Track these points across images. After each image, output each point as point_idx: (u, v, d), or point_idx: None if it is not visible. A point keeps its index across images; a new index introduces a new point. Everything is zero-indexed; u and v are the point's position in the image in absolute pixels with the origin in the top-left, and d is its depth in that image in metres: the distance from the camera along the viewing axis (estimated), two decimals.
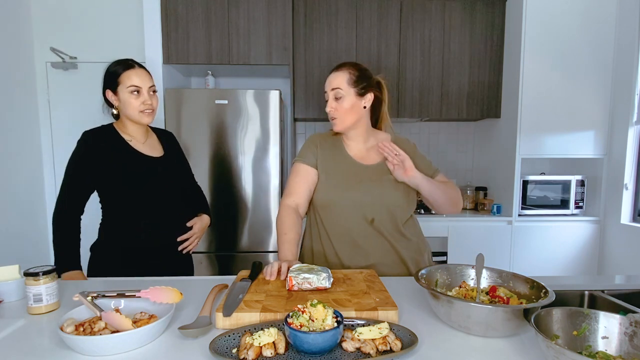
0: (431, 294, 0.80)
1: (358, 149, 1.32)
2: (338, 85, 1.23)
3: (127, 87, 1.28)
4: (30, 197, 2.68)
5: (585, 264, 2.68)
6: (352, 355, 0.67)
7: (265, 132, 2.40)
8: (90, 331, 0.71)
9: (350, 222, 1.23)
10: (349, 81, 1.23)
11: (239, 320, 0.78)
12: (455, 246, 2.63)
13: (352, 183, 1.25)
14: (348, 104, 1.24)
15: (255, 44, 2.52)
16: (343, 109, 1.24)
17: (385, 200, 1.24)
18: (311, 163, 1.30)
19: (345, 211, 1.24)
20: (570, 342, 0.70)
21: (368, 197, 1.24)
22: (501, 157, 2.81)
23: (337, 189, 1.25)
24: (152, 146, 1.40)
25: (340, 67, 1.27)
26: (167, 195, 1.37)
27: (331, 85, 1.24)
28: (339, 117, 1.25)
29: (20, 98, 2.63)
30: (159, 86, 2.46)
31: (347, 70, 1.25)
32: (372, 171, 1.28)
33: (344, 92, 1.23)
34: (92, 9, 2.74)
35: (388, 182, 1.25)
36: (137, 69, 1.31)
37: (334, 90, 1.24)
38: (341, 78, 1.24)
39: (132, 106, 1.29)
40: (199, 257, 2.44)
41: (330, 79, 1.26)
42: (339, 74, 1.25)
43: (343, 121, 1.25)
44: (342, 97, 1.23)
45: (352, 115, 1.25)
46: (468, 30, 2.73)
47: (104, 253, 1.33)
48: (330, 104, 1.25)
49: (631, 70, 2.43)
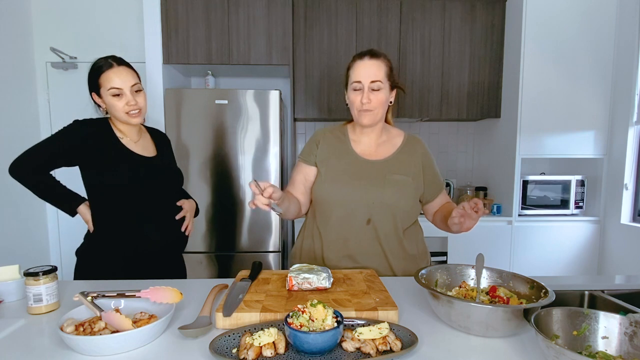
0: (431, 294, 0.80)
1: (369, 144, 1.26)
2: (378, 78, 1.14)
3: (108, 90, 1.22)
4: (30, 197, 2.67)
5: (585, 264, 2.68)
6: (352, 355, 0.67)
7: (265, 132, 2.40)
8: (90, 331, 0.71)
9: (344, 221, 1.18)
10: (386, 73, 1.16)
11: (239, 320, 0.78)
12: (455, 246, 2.63)
13: (351, 179, 1.19)
14: (385, 97, 1.16)
15: (255, 44, 2.52)
16: (379, 102, 1.16)
17: (386, 199, 1.16)
18: (310, 161, 1.26)
19: (340, 209, 1.18)
20: (570, 342, 0.70)
21: (366, 194, 1.17)
22: (501, 157, 2.81)
23: (333, 184, 1.20)
24: (144, 146, 1.35)
25: (375, 55, 1.17)
26: (158, 195, 1.33)
27: (369, 76, 1.14)
28: (373, 110, 1.16)
29: (20, 98, 2.63)
30: (158, 86, 2.46)
31: (383, 61, 1.17)
32: (377, 168, 1.21)
33: (383, 84, 1.15)
34: (92, 9, 2.74)
35: (393, 182, 1.18)
36: (116, 69, 1.23)
37: (374, 83, 1.14)
38: (380, 69, 1.15)
39: (116, 108, 1.23)
40: (199, 257, 2.44)
41: (365, 69, 1.15)
42: (376, 63, 1.15)
43: (376, 115, 1.18)
44: (380, 90, 1.15)
45: (383, 109, 1.19)
46: (468, 30, 2.73)
47: (92, 257, 1.29)
48: (366, 95, 1.14)
49: (631, 70, 2.43)
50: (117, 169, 1.25)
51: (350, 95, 1.19)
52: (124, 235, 1.28)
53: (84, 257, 1.30)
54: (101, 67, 1.24)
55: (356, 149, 1.25)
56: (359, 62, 1.16)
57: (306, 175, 1.26)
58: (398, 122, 3.09)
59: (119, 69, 1.24)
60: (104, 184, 1.25)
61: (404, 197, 1.19)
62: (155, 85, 2.47)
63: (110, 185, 1.25)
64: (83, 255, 1.31)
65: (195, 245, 2.43)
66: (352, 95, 1.18)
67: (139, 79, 1.31)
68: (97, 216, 1.29)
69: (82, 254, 1.31)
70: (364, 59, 1.16)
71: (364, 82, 1.14)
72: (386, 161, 1.23)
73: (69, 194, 1.32)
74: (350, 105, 1.21)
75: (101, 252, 1.28)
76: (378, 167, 1.21)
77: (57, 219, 2.89)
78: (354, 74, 1.17)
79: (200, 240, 2.43)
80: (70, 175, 1.38)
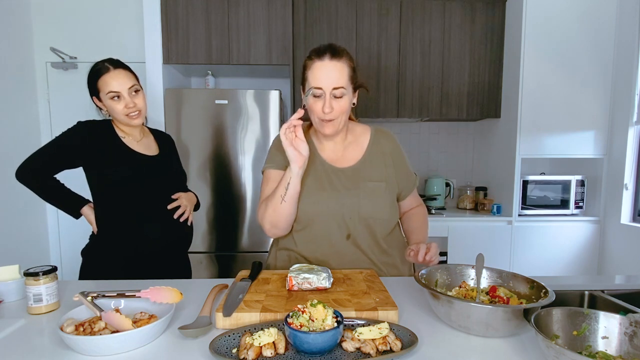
0: (431, 294, 0.80)
1: (334, 149, 1.14)
2: (340, 84, 1.01)
3: (107, 94, 1.24)
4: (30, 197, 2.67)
5: (585, 264, 2.68)
6: (352, 355, 0.67)
7: (265, 132, 2.40)
8: (90, 331, 0.71)
9: (324, 239, 1.10)
10: (349, 76, 1.03)
11: (239, 320, 0.78)
12: (455, 246, 2.63)
13: (324, 191, 1.09)
14: (348, 103, 1.04)
15: (255, 44, 2.52)
16: (342, 109, 1.03)
17: (363, 212, 1.08)
18: (281, 166, 1.12)
19: (317, 226, 1.09)
20: (570, 342, 0.70)
21: (342, 208, 1.08)
22: (501, 157, 2.81)
23: (306, 199, 1.08)
24: (147, 145, 1.37)
25: (336, 54, 1.01)
26: (160, 194, 1.34)
27: (331, 82, 1.00)
28: (336, 118, 1.04)
29: (20, 98, 2.63)
30: (158, 86, 2.46)
31: (346, 62, 1.03)
32: (348, 176, 1.11)
33: (346, 90, 1.02)
34: (92, 9, 2.74)
35: (367, 191, 1.09)
36: (113, 72, 1.24)
37: (337, 89, 1.01)
38: (343, 72, 1.02)
39: (116, 111, 1.25)
40: (199, 257, 2.44)
41: (326, 73, 1.00)
42: (338, 66, 1.01)
43: (340, 124, 1.06)
44: (342, 97, 1.02)
45: (347, 115, 1.07)
46: (468, 30, 2.73)
47: (97, 257, 1.31)
48: (328, 104, 1.01)
49: (631, 70, 2.43)
50: (119, 167, 1.27)
51: (310, 102, 1.04)
52: (127, 234, 1.29)
53: (89, 257, 1.32)
54: (98, 71, 1.25)
55: (322, 154, 1.14)
56: (319, 64, 1.01)
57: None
58: (398, 122, 3.09)
59: (115, 72, 1.25)
60: (107, 183, 1.27)
61: (380, 206, 1.11)
62: (155, 85, 2.47)
63: (112, 183, 1.26)
64: (88, 255, 1.32)
65: (195, 245, 2.43)
66: (312, 102, 1.04)
67: (137, 79, 1.32)
68: (102, 216, 1.31)
69: (87, 254, 1.32)
70: (323, 59, 1.01)
71: (325, 89, 1.01)
72: (356, 168, 1.13)
73: (73, 197, 1.33)
74: (309, 111, 1.06)
75: (106, 252, 1.30)
76: (349, 175, 1.12)
77: (57, 219, 2.89)
78: (314, 77, 1.02)
79: (200, 240, 2.43)
80: (74, 178, 1.39)
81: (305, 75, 1.06)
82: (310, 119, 1.09)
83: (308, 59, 1.05)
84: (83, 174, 1.30)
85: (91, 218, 1.31)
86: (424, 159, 3.20)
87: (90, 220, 1.32)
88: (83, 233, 1.32)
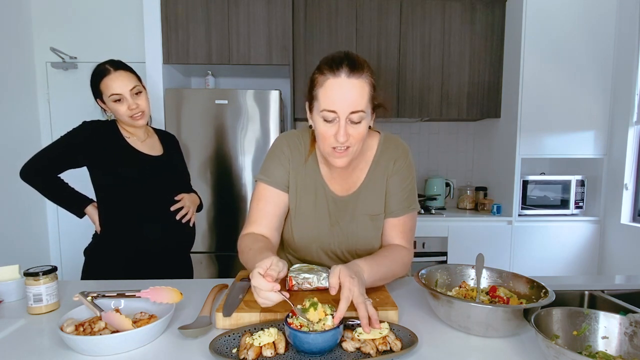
0: (431, 294, 0.80)
1: (340, 173, 0.99)
2: (360, 107, 0.82)
3: (109, 97, 1.25)
4: (30, 197, 2.67)
5: (585, 264, 2.68)
6: (352, 355, 0.67)
7: (265, 132, 2.40)
8: (90, 331, 0.71)
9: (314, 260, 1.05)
10: (370, 96, 0.84)
11: (239, 320, 0.78)
12: (455, 246, 2.63)
13: (322, 221, 1.00)
14: (366, 127, 0.86)
15: (255, 44, 2.52)
16: (360, 136, 0.86)
17: (352, 245, 1.02)
18: (281, 185, 0.98)
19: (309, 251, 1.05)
20: (570, 342, 0.70)
21: (338, 238, 1.02)
22: (501, 157, 2.81)
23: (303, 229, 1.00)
24: (151, 145, 1.38)
25: (355, 69, 0.81)
26: (164, 193, 1.35)
27: (349, 105, 0.81)
28: (352, 146, 0.86)
29: (20, 98, 2.63)
30: (158, 86, 2.46)
31: (366, 79, 0.83)
32: (347, 206, 1.01)
33: (365, 113, 0.84)
34: (92, 9, 2.74)
35: (364, 222, 1.00)
36: (114, 74, 1.25)
37: (355, 114, 0.82)
38: (364, 93, 0.82)
39: (119, 113, 1.27)
40: (199, 257, 2.44)
41: (343, 93, 0.80)
42: (358, 85, 0.81)
43: (354, 153, 0.88)
44: (361, 121, 0.84)
45: (363, 142, 0.90)
46: (468, 30, 2.73)
47: (101, 256, 1.31)
48: (344, 131, 0.82)
49: (631, 70, 2.43)
50: (123, 166, 1.28)
51: (319, 126, 0.86)
52: (129, 234, 1.30)
53: (92, 256, 1.33)
54: (99, 73, 1.26)
55: (325, 178, 1.00)
56: (333, 82, 0.81)
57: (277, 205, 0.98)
58: (398, 122, 3.09)
59: (116, 74, 1.25)
60: (111, 182, 1.28)
61: (374, 240, 1.02)
62: (156, 85, 2.47)
63: (116, 183, 1.28)
64: (91, 255, 1.33)
65: (196, 245, 2.40)
66: (322, 127, 0.85)
67: (139, 79, 1.32)
68: (105, 216, 1.32)
69: (90, 253, 1.33)
70: (339, 75, 0.81)
71: (340, 114, 0.82)
72: (354, 196, 1.00)
73: (77, 196, 1.34)
74: (317, 136, 0.89)
75: (109, 251, 1.31)
76: (347, 204, 1.00)
77: (57, 219, 2.89)
78: (326, 98, 0.82)
79: (200, 240, 2.43)
80: (78, 177, 1.39)
81: (314, 93, 0.86)
82: (318, 145, 0.92)
83: (319, 72, 0.85)
84: (87, 174, 1.31)
85: (95, 217, 1.32)
86: (424, 159, 3.20)
87: (94, 220, 1.32)
88: (83, 233, 1.32)
